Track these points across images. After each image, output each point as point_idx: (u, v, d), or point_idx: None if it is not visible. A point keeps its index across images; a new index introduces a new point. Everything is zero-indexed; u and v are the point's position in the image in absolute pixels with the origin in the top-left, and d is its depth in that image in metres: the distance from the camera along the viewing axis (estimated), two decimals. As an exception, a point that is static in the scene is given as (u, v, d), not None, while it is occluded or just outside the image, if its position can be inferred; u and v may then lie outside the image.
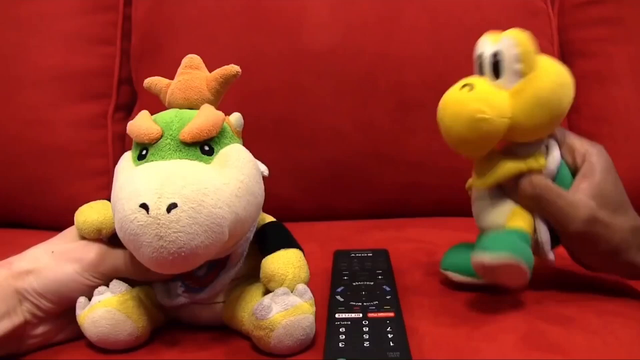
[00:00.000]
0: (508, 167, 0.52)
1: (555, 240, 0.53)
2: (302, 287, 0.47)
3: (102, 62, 0.95)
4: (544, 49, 0.91)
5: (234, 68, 0.50)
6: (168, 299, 0.49)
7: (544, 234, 0.52)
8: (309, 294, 0.47)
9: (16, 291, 0.46)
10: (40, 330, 0.47)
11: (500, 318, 0.50)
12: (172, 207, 0.40)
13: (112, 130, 0.94)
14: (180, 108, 0.49)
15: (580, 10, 0.96)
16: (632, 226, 0.51)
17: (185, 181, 0.42)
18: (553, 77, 0.49)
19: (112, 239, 0.48)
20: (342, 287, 0.54)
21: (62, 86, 0.92)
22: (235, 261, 0.49)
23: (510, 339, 0.47)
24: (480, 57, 0.52)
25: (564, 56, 0.97)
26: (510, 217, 0.52)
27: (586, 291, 0.56)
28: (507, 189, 0.53)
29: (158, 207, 0.40)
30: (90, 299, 0.47)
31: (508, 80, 0.50)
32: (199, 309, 0.50)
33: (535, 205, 0.52)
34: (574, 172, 0.53)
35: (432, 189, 0.88)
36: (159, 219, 0.40)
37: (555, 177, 0.52)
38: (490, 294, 0.55)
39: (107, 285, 0.48)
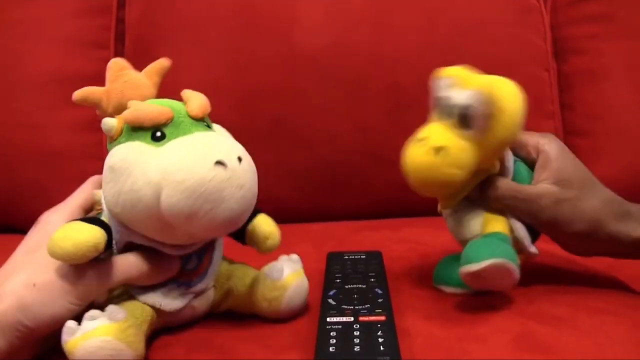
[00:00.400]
0: (466, 188, 0.54)
1: (534, 234, 0.55)
2: (296, 256, 0.55)
3: (97, 66, 0.95)
4: (537, 46, 0.93)
5: (166, 62, 0.53)
6: (171, 302, 0.49)
7: (521, 230, 0.54)
8: (301, 262, 0.55)
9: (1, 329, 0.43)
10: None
11: (491, 319, 0.51)
12: (239, 159, 0.44)
13: (107, 134, 0.94)
14: None
15: (572, 8, 0.96)
16: (601, 199, 0.53)
17: (230, 141, 0.47)
18: (514, 118, 0.50)
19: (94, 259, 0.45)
20: (334, 290, 0.54)
21: (57, 90, 0.92)
22: (219, 240, 0.53)
23: (502, 340, 0.47)
24: (444, 100, 0.52)
25: (557, 53, 0.97)
26: (485, 224, 0.54)
27: (577, 290, 0.56)
28: (473, 199, 0.55)
29: (232, 160, 0.44)
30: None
31: (474, 132, 0.50)
32: (197, 303, 0.51)
33: (503, 206, 0.54)
34: (532, 165, 0.55)
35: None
36: (236, 171, 0.44)
37: (514, 175, 0.55)
38: (482, 295, 0.55)
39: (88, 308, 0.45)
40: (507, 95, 0.50)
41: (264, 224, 0.55)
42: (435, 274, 0.59)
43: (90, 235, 0.43)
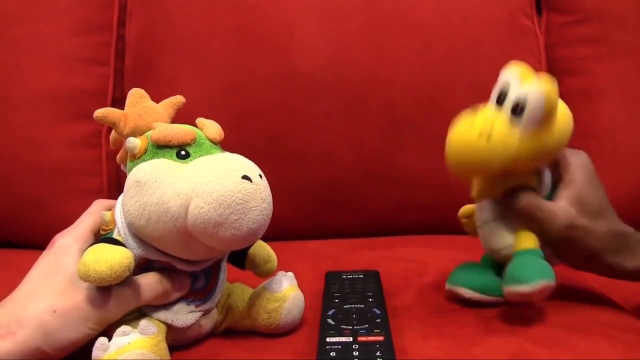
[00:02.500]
0: (502, 185, 0.56)
1: None
2: (291, 273, 0.57)
3: (96, 82, 0.96)
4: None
5: (182, 98, 0.58)
6: (182, 318, 0.51)
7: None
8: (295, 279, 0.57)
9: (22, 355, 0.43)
10: None
11: (488, 340, 0.51)
12: (260, 176, 0.48)
13: (106, 150, 0.95)
14: (150, 129, 0.52)
15: (566, 29, 0.97)
16: (610, 230, 0.55)
17: (250, 161, 0.50)
18: (562, 132, 0.53)
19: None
20: (333, 310, 0.55)
21: (57, 106, 0.93)
22: (224, 262, 0.55)
23: (498, 361, 0.48)
24: (503, 89, 0.53)
25: (552, 73, 0.98)
26: (519, 238, 0.56)
27: (573, 312, 0.57)
28: (504, 208, 0.57)
29: (256, 176, 0.47)
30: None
31: (524, 124, 0.51)
32: (204, 322, 0.53)
33: (520, 217, 0.56)
34: (556, 180, 0.57)
35: (423, 207, 0.89)
36: (259, 185, 0.47)
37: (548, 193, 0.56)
38: (478, 315, 0.56)
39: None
40: (563, 106, 0.54)
41: (264, 248, 0.59)
42: (454, 275, 0.60)
43: (123, 256, 0.45)
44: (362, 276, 0.65)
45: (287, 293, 0.54)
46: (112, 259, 0.44)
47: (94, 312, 0.45)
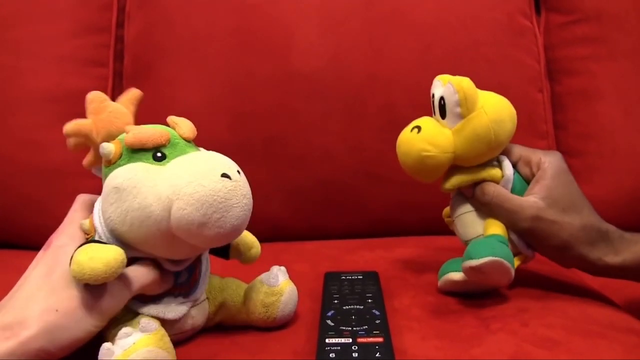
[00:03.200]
0: (463, 178, 0.60)
1: None
2: (284, 267, 0.58)
3: (95, 84, 0.96)
4: (530, 67, 0.94)
5: (139, 92, 0.56)
6: (173, 310, 0.51)
7: (514, 234, 0.60)
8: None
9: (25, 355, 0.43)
10: None
11: (487, 340, 0.51)
12: (239, 172, 0.48)
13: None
14: (122, 132, 0.51)
15: (565, 30, 0.97)
16: (582, 224, 0.57)
17: (226, 157, 0.50)
18: (489, 115, 0.57)
19: None
20: (332, 311, 0.55)
21: (56, 107, 0.93)
22: (205, 255, 0.56)
23: (497, 362, 0.48)
24: (432, 97, 0.61)
25: (551, 74, 0.98)
26: (486, 227, 0.60)
27: (572, 312, 0.57)
28: (470, 200, 0.62)
29: (234, 173, 0.47)
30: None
31: (451, 120, 0.58)
32: (195, 312, 0.53)
33: (488, 210, 0.60)
34: (529, 180, 0.61)
35: (421, 208, 0.89)
36: (239, 182, 0.47)
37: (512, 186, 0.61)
38: (478, 316, 0.56)
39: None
40: (487, 95, 0.59)
41: (246, 235, 0.59)
42: (442, 270, 0.63)
43: (117, 252, 0.45)
44: (361, 277, 0.65)
45: (283, 287, 0.56)
46: (107, 256, 0.44)
47: (94, 308, 0.46)
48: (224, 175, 0.47)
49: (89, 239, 0.50)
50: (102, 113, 0.51)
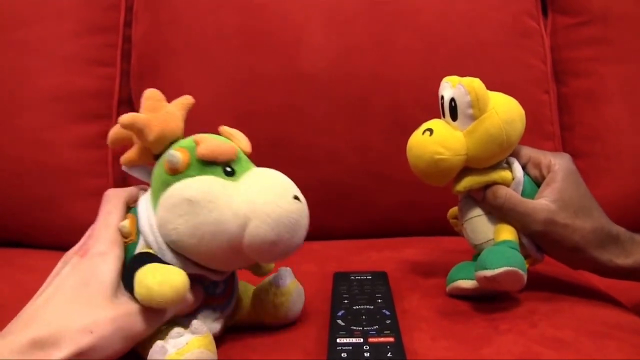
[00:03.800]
0: (475, 179, 0.59)
1: None
2: (290, 269, 0.59)
3: (102, 83, 0.96)
4: (537, 68, 0.94)
5: (191, 99, 0.56)
6: (210, 326, 0.51)
7: (525, 237, 0.59)
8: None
9: None
10: None
11: (496, 341, 0.51)
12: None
13: (112, 151, 0.95)
14: (174, 136, 0.51)
15: (572, 31, 0.97)
16: (593, 227, 0.57)
17: (288, 179, 0.51)
18: (501, 116, 0.57)
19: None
20: (342, 311, 0.55)
21: (63, 107, 0.93)
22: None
23: (507, 362, 0.48)
24: (442, 99, 0.60)
25: (557, 75, 0.98)
26: (497, 232, 0.59)
27: (580, 313, 0.57)
28: (480, 204, 0.61)
29: (301, 195, 0.49)
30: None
31: (463, 122, 0.58)
32: (222, 325, 0.54)
33: (500, 213, 0.59)
34: (539, 182, 0.60)
35: (427, 208, 0.89)
36: (305, 204, 0.49)
37: (522, 189, 0.60)
38: (486, 317, 0.56)
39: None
40: (496, 95, 0.59)
41: None
42: (451, 276, 0.62)
43: (183, 277, 0.45)
44: (370, 277, 0.65)
45: (291, 287, 0.57)
46: (175, 281, 0.44)
47: (129, 330, 0.45)
48: (296, 197, 0.48)
49: (129, 243, 0.50)
50: (159, 112, 0.51)
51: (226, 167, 0.49)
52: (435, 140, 0.58)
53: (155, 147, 0.51)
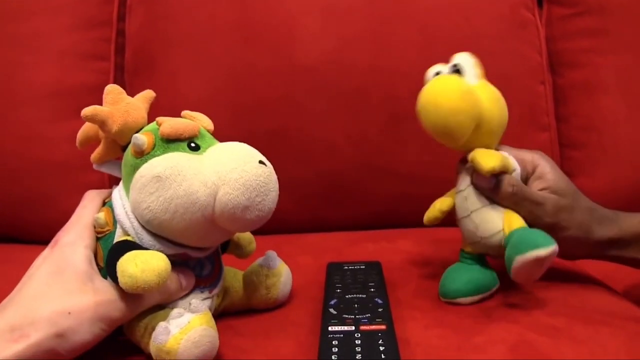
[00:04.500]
0: (503, 160, 0.57)
1: None
2: (274, 251, 0.61)
3: (97, 78, 0.96)
4: (532, 59, 0.94)
5: (152, 92, 0.58)
6: (199, 306, 0.50)
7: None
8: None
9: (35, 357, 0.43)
10: None
11: (489, 329, 0.51)
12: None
13: (107, 145, 0.94)
14: (137, 126, 0.52)
15: (567, 22, 0.97)
16: (587, 207, 0.60)
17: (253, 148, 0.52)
18: (496, 106, 0.59)
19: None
20: (335, 300, 0.55)
21: (58, 102, 0.93)
22: (219, 248, 0.58)
23: (500, 350, 0.48)
24: (437, 74, 0.60)
25: (553, 66, 0.98)
26: (507, 221, 0.57)
27: (574, 300, 0.57)
28: (485, 193, 0.59)
29: (266, 161, 0.50)
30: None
31: (469, 80, 0.58)
32: (211, 304, 0.55)
33: (512, 203, 0.57)
34: (525, 180, 0.60)
35: (424, 200, 0.88)
36: (271, 169, 0.51)
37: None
38: (480, 305, 0.56)
39: None
40: (494, 90, 0.60)
41: (246, 232, 0.62)
42: (446, 289, 0.59)
43: (165, 262, 0.46)
44: (363, 267, 0.65)
45: (281, 268, 0.59)
46: (158, 267, 0.45)
47: (107, 313, 0.46)
48: (261, 162, 0.49)
49: (106, 235, 0.50)
50: (120, 104, 0.52)
51: (190, 143, 0.50)
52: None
53: (120, 138, 0.52)
